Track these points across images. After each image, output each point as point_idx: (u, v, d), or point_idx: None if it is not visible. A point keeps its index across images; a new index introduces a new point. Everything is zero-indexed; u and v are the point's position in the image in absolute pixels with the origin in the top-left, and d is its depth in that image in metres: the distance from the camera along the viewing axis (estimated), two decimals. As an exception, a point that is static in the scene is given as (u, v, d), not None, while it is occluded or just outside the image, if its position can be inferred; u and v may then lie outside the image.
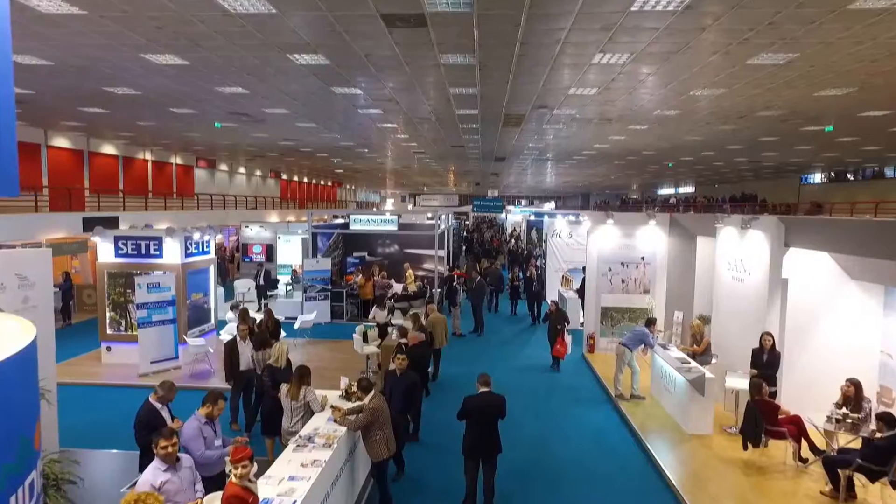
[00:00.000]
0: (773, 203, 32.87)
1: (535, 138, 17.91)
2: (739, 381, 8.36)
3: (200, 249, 12.25)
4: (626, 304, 12.91)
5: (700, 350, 9.61)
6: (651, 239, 12.78)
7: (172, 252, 11.44)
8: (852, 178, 30.22)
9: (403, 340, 9.34)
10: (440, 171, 36.26)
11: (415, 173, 38.05)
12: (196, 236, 11.76)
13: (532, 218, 31.77)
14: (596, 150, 20.61)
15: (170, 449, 4.44)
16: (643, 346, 9.80)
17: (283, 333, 11.98)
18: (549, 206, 60.34)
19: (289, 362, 7.73)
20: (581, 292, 15.64)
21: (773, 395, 7.75)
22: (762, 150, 19.67)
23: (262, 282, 17.59)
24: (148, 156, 22.94)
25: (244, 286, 18.16)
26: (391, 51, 8.00)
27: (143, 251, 11.47)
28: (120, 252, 11.50)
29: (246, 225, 20.13)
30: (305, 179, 43.05)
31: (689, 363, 8.88)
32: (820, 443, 7.19)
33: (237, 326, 8.85)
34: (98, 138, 19.49)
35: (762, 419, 7.03)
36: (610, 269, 12.90)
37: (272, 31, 7.19)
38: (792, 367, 8.35)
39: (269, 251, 20.42)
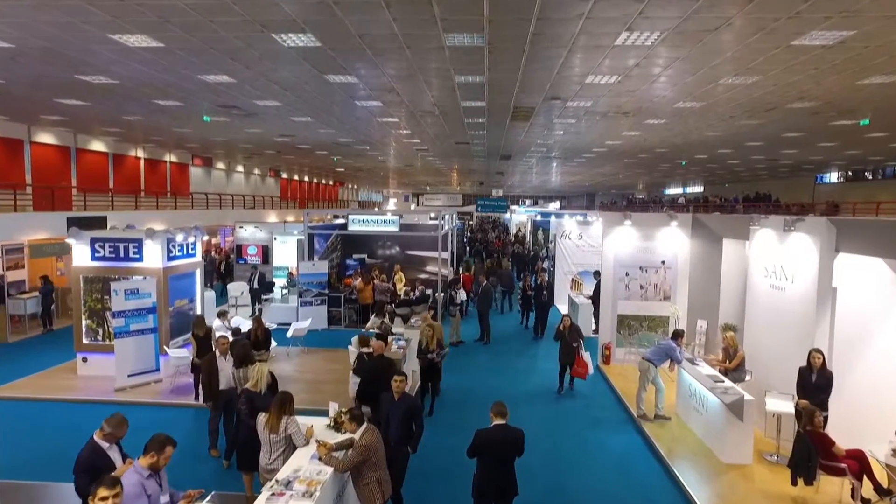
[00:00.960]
0: (785, 203, 31.89)
1: (544, 134, 16.97)
2: (782, 404, 7.42)
3: (185, 252, 11.34)
4: (644, 311, 11.95)
5: (732, 366, 8.66)
6: (672, 241, 11.81)
7: (153, 255, 10.53)
8: (870, 178, 29.15)
9: (366, 350, 8.45)
10: (444, 170, 35.35)
11: (418, 172, 37.16)
12: (179, 238, 10.84)
13: (538, 218, 30.74)
14: (607, 146, 19.65)
15: (110, 502, 3.53)
16: (669, 361, 8.85)
17: (273, 343, 11.10)
18: (553, 205, 59.32)
19: (274, 383, 6.83)
20: (594, 298, 14.72)
21: (825, 420, 6.79)
22: (784, 147, 18.67)
23: (255, 285, 16.68)
24: (140, 153, 22.08)
25: (238, 289, 17.30)
26: (389, 29, 7.07)
27: (122, 254, 10.56)
28: (97, 255, 10.59)
29: (240, 225, 19.22)
30: (306, 178, 42.19)
31: (723, 381, 7.93)
32: (882, 478, 6.23)
33: (215, 339, 7.94)
34: (86, 134, 18.63)
35: (816, 452, 6.08)
36: (627, 274, 11.93)
37: (252, 4, 6.27)
38: (840, 389, 7.36)
39: (266, 253, 19.54)
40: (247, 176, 31.83)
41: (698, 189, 45.77)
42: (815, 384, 6.94)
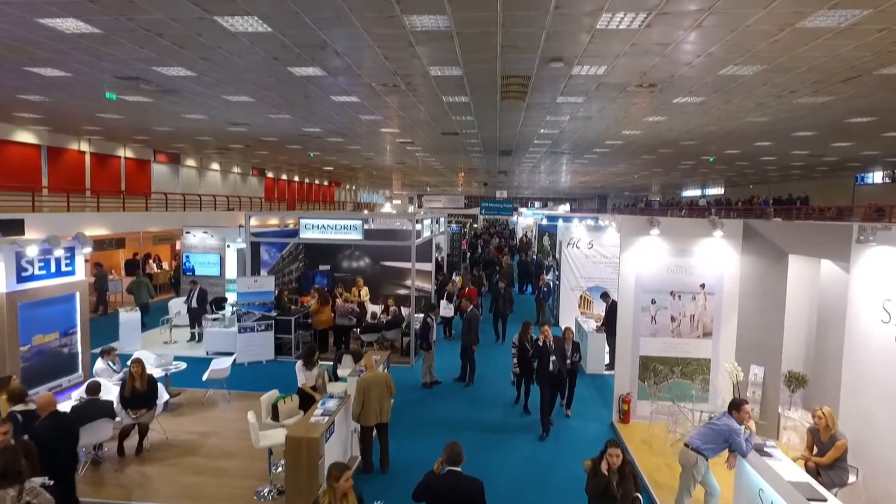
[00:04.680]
0: (819, 206, 28.55)
1: (547, 121, 13.89)
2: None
3: (54, 270, 8.42)
4: (677, 352, 8.82)
5: (827, 460, 5.53)
6: (716, 258, 8.68)
7: (-6, 275, 7.63)
8: (923, 179, 25.72)
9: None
10: (443, 170, 32.40)
11: (417, 172, 34.27)
12: (31, 251, 7.86)
13: (544, 222, 27.48)
14: (623, 138, 16.52)
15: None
16: (727, 448, 5.73)
17: (165, 395, 8.16)
18: (563, 208, 56.04)
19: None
20: (605, 325, 11.63)
21: None
22: (839, 139, 15.41)
23: (195, 303, 13.75)
24: (84, 147, 19.27)
25: (175, 308, 14.42)
26: None
27: (-48, 274, 7.68)
28: (-82, 275, 7.72)
29: (187, 230, 16.34)
30: (296, 178, 39.34)
31: (825, 501, 4.80)
32: None
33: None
34: (5, 122, 15.83)
35: None
36: (654, 302, 8.81)
37: None
38: None
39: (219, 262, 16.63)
40: (224, 175, 28.99)
41: (718, 191, 42.33)
42: None
